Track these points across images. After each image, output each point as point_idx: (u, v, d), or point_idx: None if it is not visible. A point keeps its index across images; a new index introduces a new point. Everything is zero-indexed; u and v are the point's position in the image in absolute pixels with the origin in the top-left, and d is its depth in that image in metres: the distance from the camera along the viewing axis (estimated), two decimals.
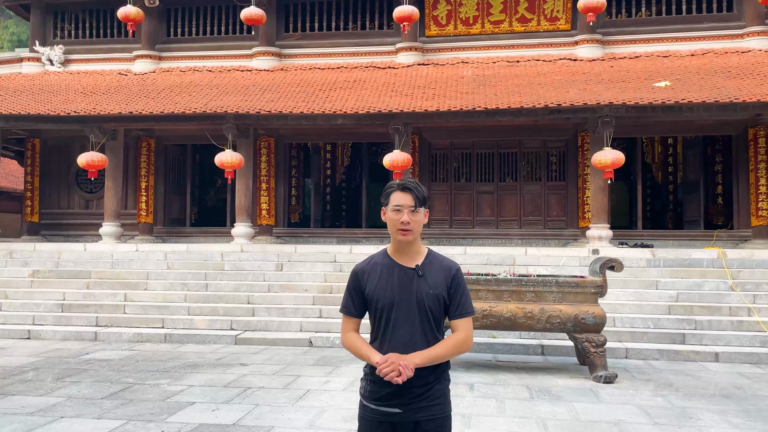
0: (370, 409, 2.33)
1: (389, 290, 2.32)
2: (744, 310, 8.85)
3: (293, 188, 15.86)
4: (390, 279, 2.34)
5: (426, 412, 2.29)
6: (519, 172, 14.18)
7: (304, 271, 10.89)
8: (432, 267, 2.38)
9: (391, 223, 2.35)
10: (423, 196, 2.37)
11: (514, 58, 14.18)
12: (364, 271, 2.40)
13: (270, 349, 8.37)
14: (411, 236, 2.34)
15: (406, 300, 2.31)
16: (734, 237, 12.92)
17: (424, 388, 2.29)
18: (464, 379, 6.61)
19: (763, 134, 12.60)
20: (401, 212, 2.32)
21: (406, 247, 2.38)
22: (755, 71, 11.81)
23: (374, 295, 2.33)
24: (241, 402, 5.68)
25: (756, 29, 13.20)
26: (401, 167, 11.65)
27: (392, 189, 2.38)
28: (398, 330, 2.30)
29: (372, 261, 2.43)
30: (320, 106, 12.08)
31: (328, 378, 6.67)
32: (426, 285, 2.33)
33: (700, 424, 5.04)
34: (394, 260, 2.39)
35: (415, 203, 2.34)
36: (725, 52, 13.19)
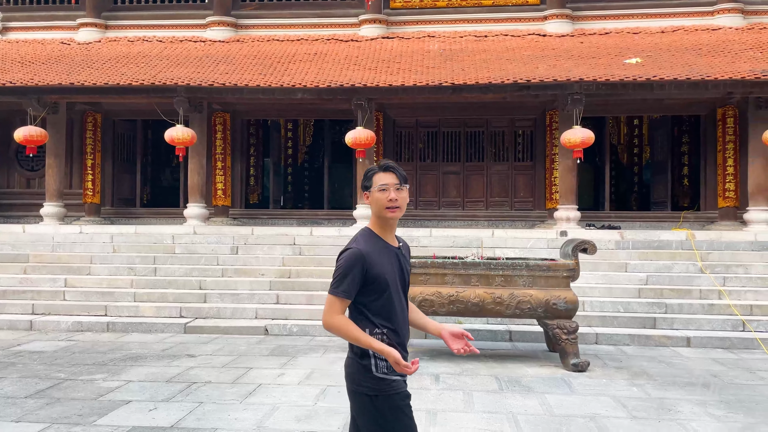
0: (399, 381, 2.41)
1: (390, 270, 2.41)
2: (714, 293, 8.64)
3: (252, 167, 15.14)
4: (389, 259, 2.43)
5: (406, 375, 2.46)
6: (486, 151, 13.77)
7: (262, 254, 10.29)
8: (403, 246, 2.57)
9: (378, 202, 2.42)
10: (404, 175, 2.47)
11: (481, 32, 13.67)
12: (369, 254, 2.39)
13: (222, 339, 7.80)
14: (399, 213, 2.44)
15: (398, 278, 2.45)
16: (701, 218, 12.80)
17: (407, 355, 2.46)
18: (429, 370, 6.18)
19: (731, 114, 12.43)
20: (388, 191, 2.41)
21: (392, 225, 2.49)
22: (726, 49, 11.59)
23: (380, 276, 2.37)
24: (183, 400, 5.12)
25: (726, 6, 12.99)
26: (364, 145, 11.09)
27: (374, 171, 2.48)
28: (398, 307, 2.43)
29: (367, 241, 2.44)
30: (279, 79, 11.39)
31: (283, 370, 6.15)
32: (405, 263, 2.52)
33: (681, 418, 4.71)
34: (383, 240, 2.47)
35: (400, 181, 2.43)
36: (695, 29, 12.95)
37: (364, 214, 11.77)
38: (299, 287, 9.15)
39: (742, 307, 8.20)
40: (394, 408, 2.39)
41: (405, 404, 2.42)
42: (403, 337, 2.45)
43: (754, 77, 10.07)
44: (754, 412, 4.84)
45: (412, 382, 5.68)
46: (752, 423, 4.56)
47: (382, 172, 2.45)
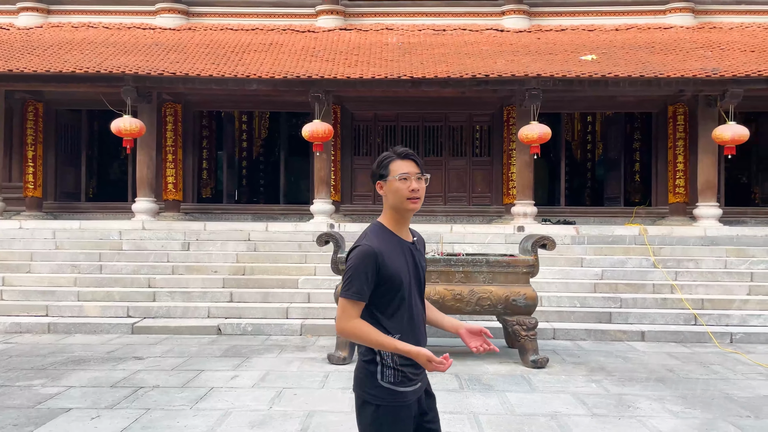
0: (406, 393, 2.23)
1: (406, 269, 2.24)
2: (667, 287, 8.79)
3: (204, 160, 14.66)
4: (404, 256, 2.26)
5: (427, 379, 2.37)
6: (444, 146, 13.71)
7: (214, 250, 9.94)
8: (418, 240, 2.39)
9: (398, 193, 2.22)
10: (423, 164, 2.30)
11: (440, 26, 13.59)
12: (382, 252, 2.19)
13: (172, 339, 7.46)
14: (419, 204, 2.25)
15: (415, 276, 2.29)
16: (652, 214, 13.07)
17: None
18: None
19: (681, 112, 12.71)
20: (408, 180, 2.21)
21: (408, 218, 2.31)
22: (678, 47, 11.82)
23: (396, 275, 2.19)
24: (128, 406, 4.83)
25: (678, 5, 13.26)
26: (322, 138, 10.86)
27: (390, 158, 2.26)
28: (414, 307, 2.27)
29: (379, 237, 2.24)
30: (232, 69, 11.02)
31: (237, 372, 5.90)
32: (421, 259, 2.35)
33: (640, 414, 4.70)
34: (396, 235, 2.28)
35: (421, 170, 2.26)
36: (648, 27, 13.19)
37: (322, 209, 11.54)
38: (254, 284, 8.87)
39: (694, 301, 8.36)
40: (396, 421, 2.23)
41: (407, 418, 2.25)
42: (419, 340, 2.25)
43: (704, 76, 10.28)
44: (711, 407, 4.88)
45: None
46: (710, 419, 4.59)
47: (400, 159, 2.24)
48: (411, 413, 2.26)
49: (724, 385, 5.51)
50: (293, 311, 8.16)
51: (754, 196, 15.04)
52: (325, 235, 6.56)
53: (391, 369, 2.23)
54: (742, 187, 15.74)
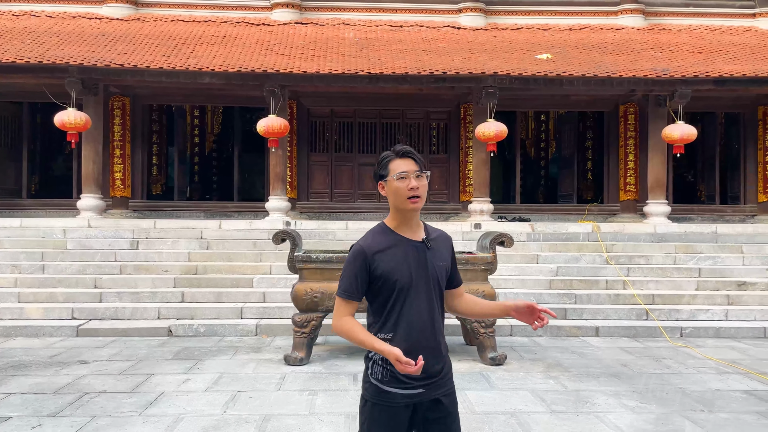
0: (394, 395, 2.16)
1: (406, 269, 2.16)
2: (619, 283, 8.96)
3: (154, 156, 14.19)
4: (404, 256, 2.18)
5: (443, 388, 2.23)
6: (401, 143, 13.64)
7: (165, 249, 9.61)
8: (435, 239, 2.28)
9: (397, 192, 2.17)
10: (422, 160, 2.23)
11: (397, 22, 13.51)
12: (373, 250, 2.17)
13: (120, 341, 7.15)
14: (420, 203, 2.19)
15: (422, 277, 2.18)
16: (604, 211, 13.34)
17: (441, 364, 2.23)
18: (347, 369, 5.92)
19: (632, 111, 13.02)
20: (408, 179, 2.16)
21: (412, 218, 2.23)
22: (629, 48, 12.08)
23: (390, 276, 2.14)
24: (73, 414, 4.57)
25: (629, 7, 13.58)
26: (277, 134, 10.63)
27: (389, 158, 2.22)
28: (416, 308, 2.16)
29: (376, 237, 2.22)
30: (184, 62, 10.67)
31: (189, 375, 5.68)
32: (434, 258, 2.23)
33: (597, 410, 4.73)
34: (401, 235, 2.22)
35: (420, 167, 2.19)
36: (601, 28, 13.45)
37: (278, 206, 11.32)
38: (207, 284, 8.61)
39: (645, 297, 8.54)
40: (380, 421, 2.19)
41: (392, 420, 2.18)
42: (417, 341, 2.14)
43: (655, 76, 10.53)
44: (665, 401, 4.95)
45: (330, 383, 5.42)
46: (665, 413, 4.65)
47: (398, 158, 2.19)
48: (399, 417, 2.18)
49: (677, 380, 5.61)
50: (248, 311, 7.95)
51: (700, 194, 15.57)
52: (282, 233, 6.39)
53: (379, 366, 2.19)
54: (689, 185, 16.27)
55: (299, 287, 6.16)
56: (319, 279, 6.16)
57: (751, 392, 5.20)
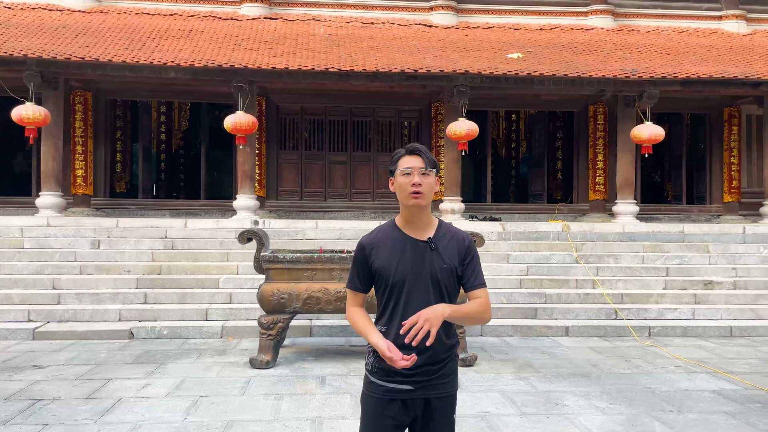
0: (378, 386, 2.23)
1: (401, 265, 2.19)
2: (589, 283, 8.98)
3: (118, 153, 13.81)
4: (402, 253, 2.21)
5: (438, 389, 2.24)
6: (373, 142, 13.53)
7: (128, 248, 9.31)
8: (445, 239, 2.26)
9: (401, 188, 2.21)
10: (432, 159, 2.24)
11: (368, 19, 13.38)
12: (372, 245, 2.25)
13: (78, 345, 6.88)
14: (423, 200, 2.19)
15: (420, 275, 2.19)
16: (574, 210, 13.42)
17: (438, 365, 2.22)
18: (314, 371, 5.77)
19: (602, 111, 13.13)
20: (412, 174, 2.19)
21: (418, 216, 2.23)
22: (599, 48, 12.16)
23: (384, 271, 2.21)
24: (24, 422, 4.34)
25: (598, 8, 13.68)
26: (245, 131, 10.40)
27: (400, 154, 2.26)
28: (411, 307, 2.16)
29: (380, 233, 2.28)
30: (148, 56, 10.36)
31: (149, 380, 5.46)
32: (440, 258, 2.21)
33: (568, 411, 4.67)
34: (404, 233, 2.25)
35: (426, 165, 2.20)
36: (571, 28, 13.52)
37: (246, 204, 11.08)
38: (171, 285, 8.35)
39: (614, 296, 8.57)
40: (366, 410, 2.29)
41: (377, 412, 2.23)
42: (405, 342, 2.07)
43: (624, 76, 10.60)
44: (635, 402, 4.92)
45: (296, 387, 5.26)
46: (635, 414, 4.62)
47: (408, 155, 2.23)
48: (386, 410, 2.21)
49: (646, 379, 5.60)
50: (213, 312, 7.73)
51: (667, 194, 15.79)
52: (248, 233, 6.20)
53: (371, 357, 2.27)
54: (656, 185, 16.49)
55: (266, 288, 5.99)
56: (286, 279, 5.99)
57: (719, 392, 5.21)
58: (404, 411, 2.22)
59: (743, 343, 7.37)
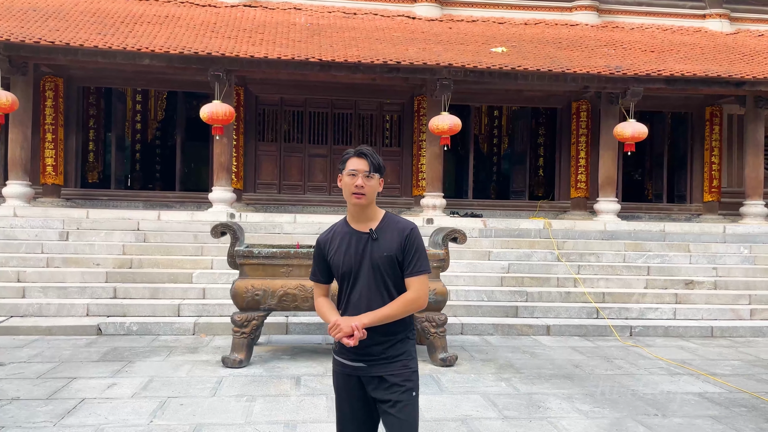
0: (339, 362, 2.52)
1: (347, 257, 2.45)
2: (570, 281, 8.89)
3: (91, 142, 13.39)
4: (348, 246, 2.46)
5: (387, 368, 2.44)
6: (354, 135, 13.28)
7: (98, 241, 8.98)
8: (386, 230, 2.47)
9: (345, 187, 2.45)
10: (378, 163, 2.46)
11: (350, 9, 13.12)
12: (326, 241, 2.54)
13: (42, 341, 6.58)
14: (365, 200, 2.43)
15: (362, 265, 2.43)
16: (555, 208, 13.34)
17: (384, 346, 2.44)
18: (290, 371, 5.56)
19: (585, 108, 13.04)
20: (356, 176, 2.41)
21: (361, 211, 2.47)
22: (583, 44, 12.05)
23: (335, 263, 2.48)
24: None
25: (583, 3, 13.58)
26: (222, 121, 10.10)
27: (349, 155, 2.48)
28: (356, 292, 2.45)
29: (332, 230, 2.56)
30: (122, 41, 10.00)
31: (115, 379, 5.20)
32: (379, 248, 2.44)
33: (550, 415, 4.53)
34: (351, 227, 2.50)
35: (370, 168, 2.43)
36: (555, 23, 13.39)
37: (222, 197, 10.79)
38: (142, 279, 8.06)
39: (596, 295, 8.48)
40: (337, 387, 2.57)
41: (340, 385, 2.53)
42: None
43: (608, 73, 10.51)
44: (618, 405, 4.80)
45: (270, 388, 5.05)
46: (618, 418, 4.49)
47: (355, 157, 2.45)
48: (348, 385, 2.50)
49: (628, 381, 5.49)
50: (186, 308, 7.46)
51: (648, 192, 15.80)
52: (221, 226, 5.95)
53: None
54: (636, 183, 16.50)
55: (240, 284, 5.75)
56: (261, 275, 5.76)
57: (703, 395, 5.11)
58: (361, 386, 2.48)
59: (724, 343, 7.32)
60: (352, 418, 2.52)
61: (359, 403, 2.50)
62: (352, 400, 2.51)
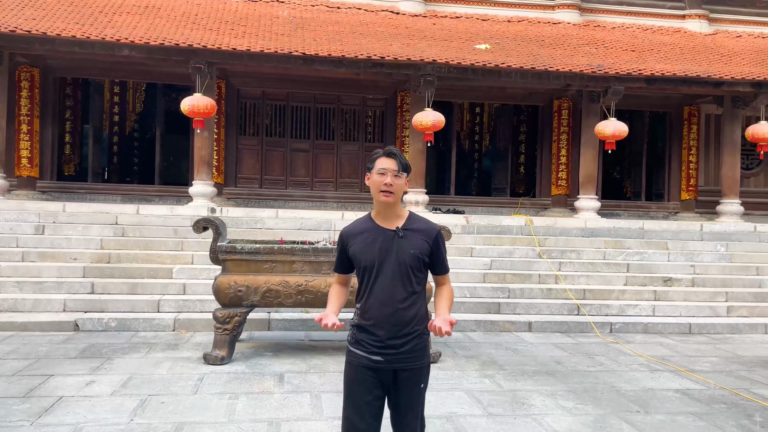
0: (355, 354, 2.59)
1: (371, 252, 2.55)
2: (552, 278, 8.95)
3: (68, 134, 13.11)
4: (373, 241, 2.56)
5: (403, 363, 2.55)
6: (337, 130, 13.21)
7: (75, 235, 8.80)
8: (413, 229, 2.60)
9: (374, 185, 2.56)
10: (405, 163, 2.60)
11: (334, 3, 13.02)
12: (349, 234, 2.65)
13: (17, 337, 6.43)
14: (392, 198, 2.55)
15: (387, 260, 2.53)
16: (536, 205, 13.43)
17: (403, 340, 2.54)
18: (273, 368, 5.51)
19: (566, 106, 13.13)
20: (385, 175, 2.53)
21: (388, 209, 2.59)
22: (565, 42, 12.12)
23: (358, 256, 2.58)
24: None
25: (565, 2, 13.66)
26: (203, 114, 9.95)
27: (378, 155, 2.60)
28: (380, 285, 2.53)
29: (356, 225, 2.67)
30: (100, 31, 9.80)
31: (94, 377, 5.11)
32: (406, 246, 2.55)
33: (535, 412, 4.55)
34: (376, 223, 2.61)
35: (398, 167, 2.55)
36: (538, 21, 13.45)
37: (202, 191, 10.65)
38: (120, 274, 7.92)
39: (576, 292, 8.56)
40: (346, 377, 2.64)
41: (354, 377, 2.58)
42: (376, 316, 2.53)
43: (590, 71, 10.58)
44: (601, 401, 4.84)
45: (253, 385, 4.99)
46: (602, 414, 4.52)
47: (384, 156, 2.57)
48: (362, 377, 2.55)
49: (610, 378, 5.54)
50: (166, 304, 7.36)
51: (626, 190, 15.99)
52: (204, 221, 5.86)
53: (351, 327, 2.65)
54: (615, 181, 16.68)
55: (222, 280, 5.68)
56: (244, 271, 5.70)
57: (683, 391, 5.17)
58: (376, 380, 2.56)
59: (702, 340, 7.44)
60: (360, 410, 2.57)
61: (370, 396, 2.56)
62: (364, 393, 2.56)
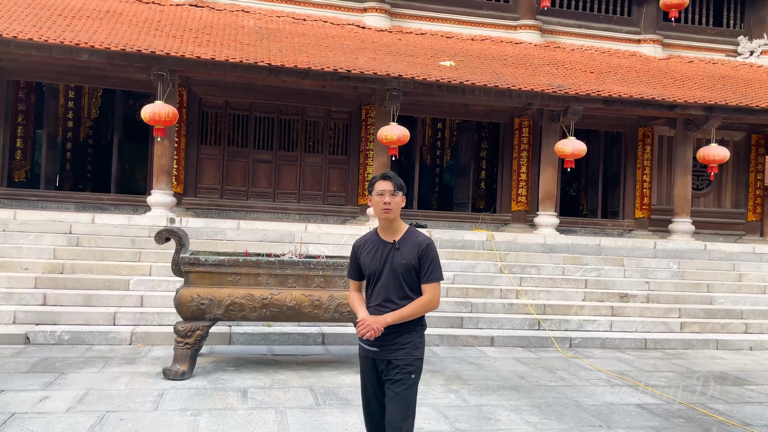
0: (361, 346, 3.13)
1: (374, 261, 3.04)
2: (513, 293, 9.07)
3: (19, 138, 12.64)
4: (375, 252, 3.06)
5: (395, 354, 3.01)
6: (300, 142, 13.12)
7: (26, 244, 8.47)
8: (407, 242, 3.03)
9: (375, 205, 3.03)
10: (400, 183, 3.05)
11: (300, 15, 12.99)
12: (359, 246, 3.16)
13: None
14: (392, 214, 3.01)
15: (385, 269, 3.01)
16: (497, 220, 13.62)
17: (394, 335, 3.00)
18: (235, 383, 5.39)
19: (527, 124, 13.41)
20: (384, 195, 2.99)
21: (389, 225, 3.06)
22: (527, 62, 12.40)
23: (364, 265, 3.10)
24: None
25: (528, 23, 13.98)
26: (164, 122, 9.75)
27: (376, 179, 3.07)
28: (379, 290, 3.03)
29: (365, 238, 3.17)
30: (59, 35, 9.51)
31: (48, 392, 4.90)
32: (400, 256, 3.00)
33: (501, 427, 4.59)
34: (380, 237, 3.09)
35: (394, 187, 3.01)
36: (501, 40, 13.73)
37: (161, 201, 10.41)
38: (74, 285, 7.64)
39: (537, 306, 8.69)
40: (360, 366, 3.20)
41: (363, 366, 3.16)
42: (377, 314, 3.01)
43: (551, 91, 10.85)
44: (565, 416, 4.91)
45: (215, 401, 4.87)
46: (566, 429, 4.59)
47: (381, 179, 3.04)
48: (367, 365, 3.12)
49: (572, 392, 5.63)
50: (122, 317, 7.13)
51: (583, 207, 16.39)
52: (166, 232, 5.72)
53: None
54: (572, 198, 17.09)
55: (184, 292, 5.54)
56: (207, 284, 5.57)
57: (642, 406, 5.30)
58: (375, 366, 3.08)
59: (657, 355, 7.64)
60: (372, 393, 3.12)
61: (377, 382, 3.09)
62: (372, 379, 3.10)
